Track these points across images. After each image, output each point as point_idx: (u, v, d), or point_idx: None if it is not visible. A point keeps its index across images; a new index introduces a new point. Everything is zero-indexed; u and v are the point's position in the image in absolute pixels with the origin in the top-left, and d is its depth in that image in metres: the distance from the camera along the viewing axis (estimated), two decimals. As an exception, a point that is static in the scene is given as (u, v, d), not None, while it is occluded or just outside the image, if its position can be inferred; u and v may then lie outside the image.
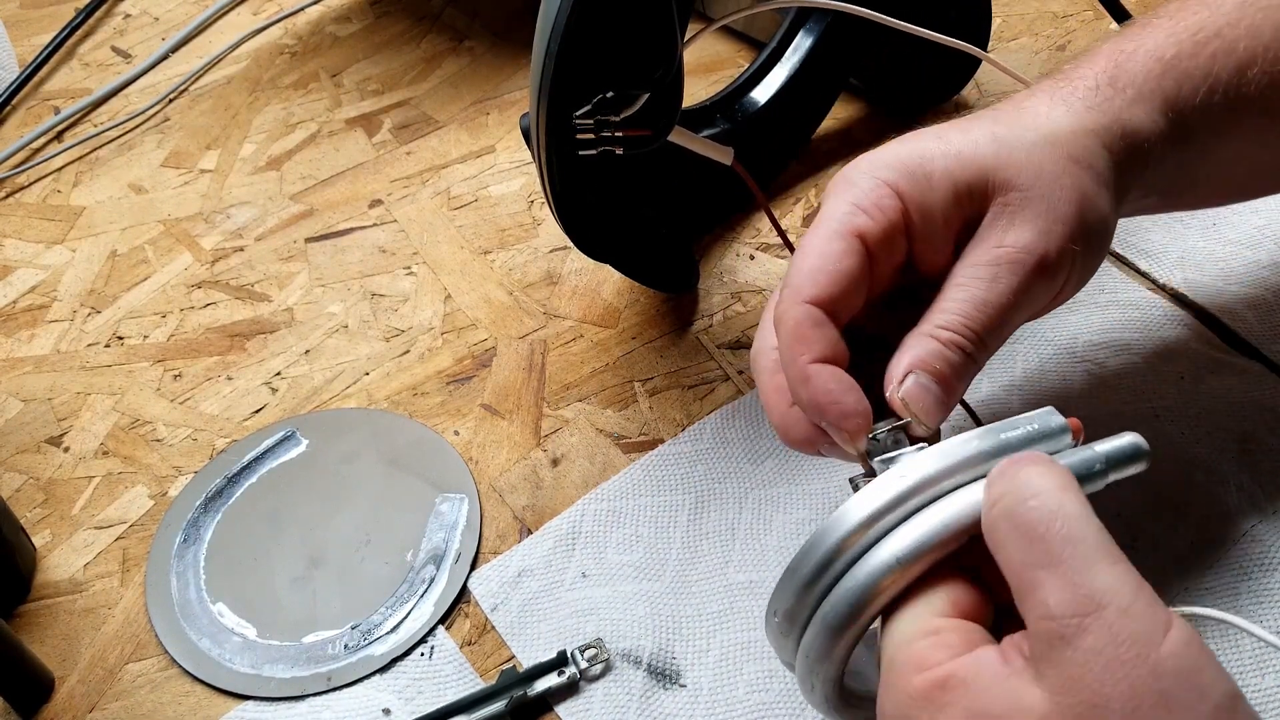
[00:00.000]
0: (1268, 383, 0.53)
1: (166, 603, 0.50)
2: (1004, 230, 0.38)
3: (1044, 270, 0.38)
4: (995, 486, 0.32)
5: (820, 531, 0.34)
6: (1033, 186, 0.38)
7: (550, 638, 0.47)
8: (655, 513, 0.51)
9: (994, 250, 0.38)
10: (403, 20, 0.79)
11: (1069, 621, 0.29)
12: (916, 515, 0.33)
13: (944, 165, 0.38)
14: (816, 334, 0.37)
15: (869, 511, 0.33)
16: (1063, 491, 0.31)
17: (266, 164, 0.70)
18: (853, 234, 0.38)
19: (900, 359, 0.37)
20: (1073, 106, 0.41)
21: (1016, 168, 0.38)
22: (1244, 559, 0.47)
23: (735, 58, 0.74)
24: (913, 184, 0.38)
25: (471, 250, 0.63)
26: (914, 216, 0.38)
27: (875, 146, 0.65)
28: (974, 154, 0.38)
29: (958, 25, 0.58)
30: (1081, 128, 0.40)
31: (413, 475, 0.53)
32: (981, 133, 0.39)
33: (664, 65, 0.46)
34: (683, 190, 0.60)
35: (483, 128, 0.71)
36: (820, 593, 0.34)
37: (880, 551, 0.33)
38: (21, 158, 0.72)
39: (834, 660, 0.34)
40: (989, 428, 0.34)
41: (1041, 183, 0.38)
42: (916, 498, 0.33)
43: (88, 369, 0.59)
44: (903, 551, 0.33)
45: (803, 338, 0.37)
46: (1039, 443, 0.34)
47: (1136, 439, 0.34)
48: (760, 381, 0.41)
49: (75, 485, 0.54)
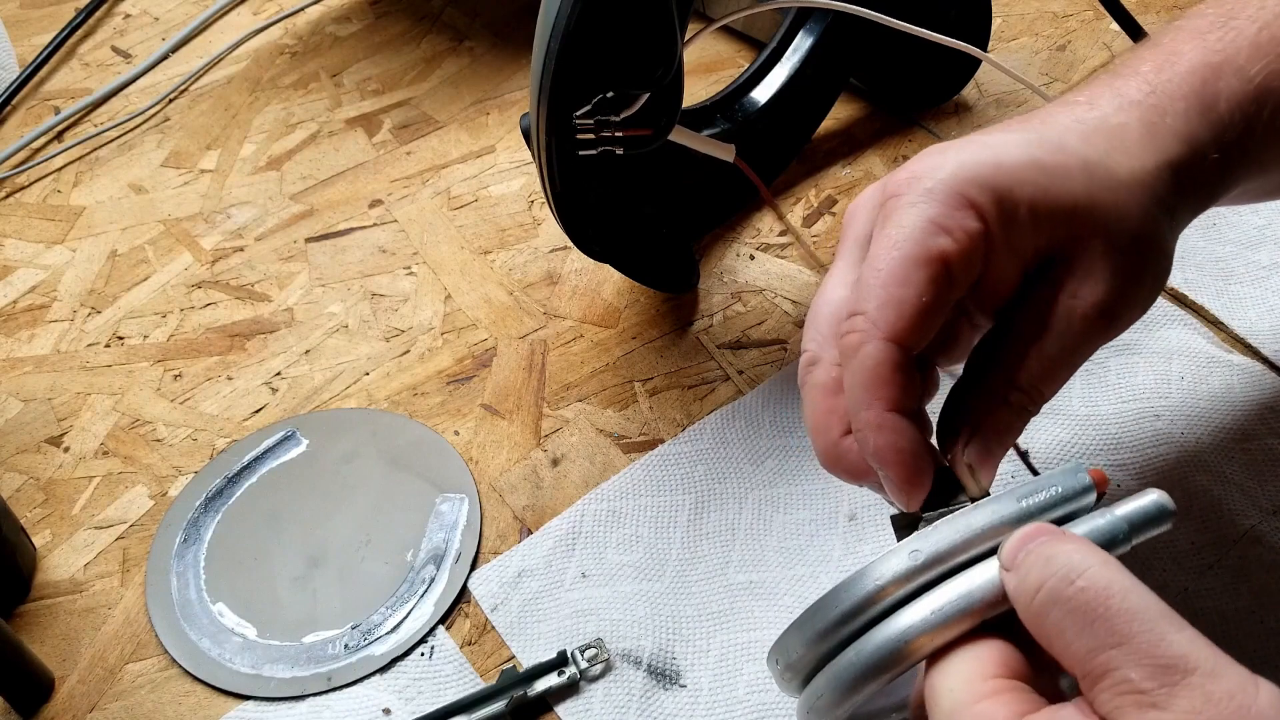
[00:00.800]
0: (1268, 382, 0.53)
1: (166, 603, 0.50)
2: (1080, 281, 0.35)
3: (1113, 329, 0.36)
4: (1030, 575, 0.30)
5: (846, 583, 0.32)
6: (1117, 238, 0.35)
7: (550, 638, 0.47)
8: (655, 513, 0.51)
9: (1069, 302, 0.35)
10: (403, 20, 0.79)
11: (1159, 692, 0.27)
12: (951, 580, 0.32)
13: (1031, 193, 0.35)
14: (896, 379, 0.34)
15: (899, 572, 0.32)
16: (1105, 566, 0.29)
17: (266, 164, 0.70)
18: (938, 260, 0.34)
19: (968, 416, 0.35)
20: (1160, 139, 0.37)
21: (1104, 211, 0.35)
22: (1245, 559, 0.47)
23: (735, 58, 0.74)
24: (997, 207, 0.34)
25: (472, 250, 0.63)
26: (996, 243, 0.35)
27: (875, 146, 0.67)
28: (1065, 187, 0.35)
29: (958, 25, 0.58)
30: (1167, 163, 0.37)
31: (413, 475, 0.53)
32: (1074, 158, 0.36)
33: (664, 65, 0.46)
34: (683, 190, 0.60)
35: (483, 128, 0.71)
36: (833, 647, 0.33)
37: (914, 610, 0.31)
38: (21, 158, 0.71)
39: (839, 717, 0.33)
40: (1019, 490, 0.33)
41: (1125, 234, 0.35)
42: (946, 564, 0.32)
43: (88, 369, 0.59)
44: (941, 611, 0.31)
45: (883, 380, 0.34)
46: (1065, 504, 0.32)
47: (1160, 499, 0.32)
48: (811, 397, 0.37)
49: (75, 485, 0.54)
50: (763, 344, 0.57)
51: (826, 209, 0.64)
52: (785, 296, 0.59)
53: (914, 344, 0.34)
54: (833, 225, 0.63)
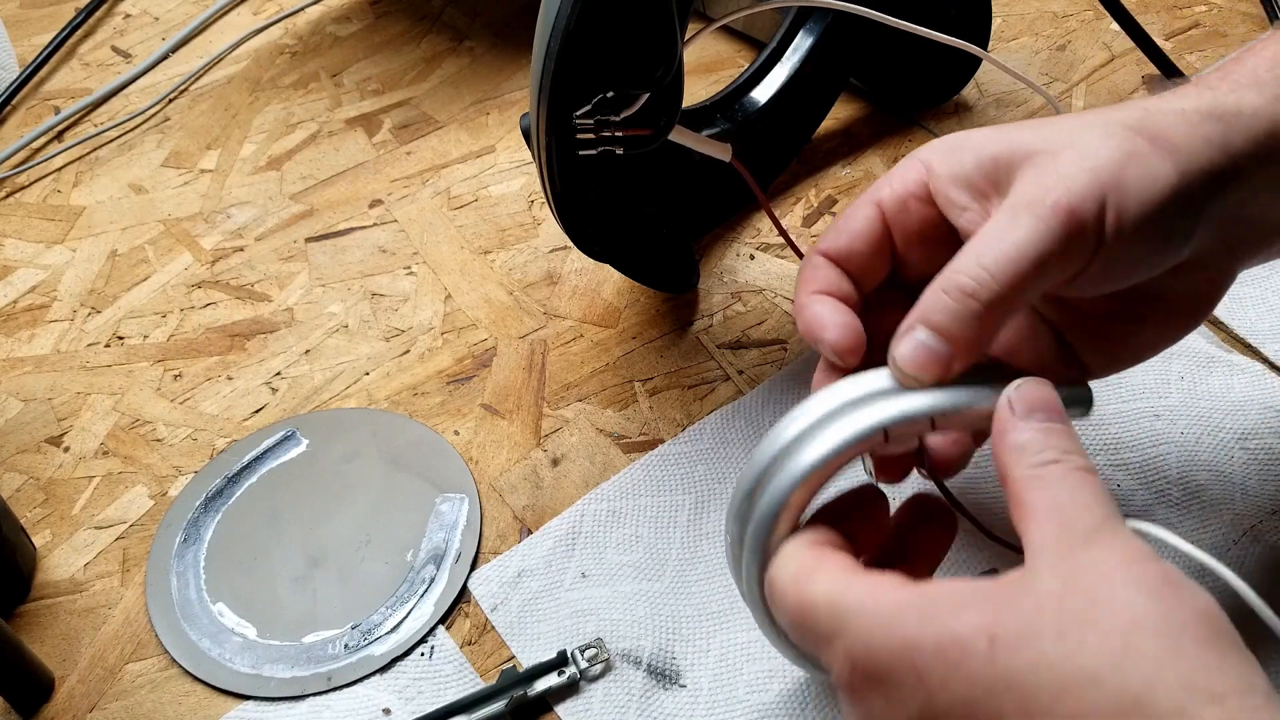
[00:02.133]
0: (1268, 381, 0.53)
1: (166, 602, 0.50)
2: (1026, 184, 0.35)
3: (1068, 219, 0.34)
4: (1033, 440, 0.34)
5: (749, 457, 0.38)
6: (1064, 146, 0.35)
7: (550, 637, 0.47)
8: (655, 513, 0.51)
9: (1011, 201, 0.35)
10: (403, 20, 0.79)
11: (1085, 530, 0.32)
12: (828, 428, 0.36)
13: (982, 138, 0.38)
14: (818, 274, 0.40)
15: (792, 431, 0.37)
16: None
17: (266, 164, 0.70)
18: (875, 203, 0.40)
19: (906, 319, 0.36)
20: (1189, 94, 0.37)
21: (1055, 138, 0.36)
22: (1245, 558, 0.47)
23: (735, 58, 0.74)
24: (945, 152, 0.38)
25: (471, 250, 0.63)
26: (938, 178, 0.38)
27: (875, 146, 0.67)
28: (1016, 130, 0.37)
29: (958, 25, 0.58)
30: (1174, 107, 0.36)
31: (413, 475, 0.53)
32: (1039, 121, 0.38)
33: (664, 65, 0.46)
34: (683, 190, 0.60)
35: (483, 128, 0.71)
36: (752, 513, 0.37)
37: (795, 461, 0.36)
38: (21, 158, 0.72)
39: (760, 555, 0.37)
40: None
41: (1074, 142, 0.35)
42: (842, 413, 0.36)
43: (88, 369, 0.59)
44: (812, 460, 0.36)
45: (806, 279, 0.40)
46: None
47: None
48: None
49: (75, 485, 0.54)
50: (763, 344, 0.57)
51: (826, 209, 0.64)
52: (785, 296, 0.59)
53: (845, 259, 0.40)
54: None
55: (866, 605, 0.32)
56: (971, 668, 0.29)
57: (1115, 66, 0.70)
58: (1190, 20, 0.73)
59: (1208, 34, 0.72)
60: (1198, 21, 0.73)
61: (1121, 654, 0.28)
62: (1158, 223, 0.35)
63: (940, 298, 0.35)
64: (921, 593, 0.32)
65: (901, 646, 0.31)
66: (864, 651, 0.31)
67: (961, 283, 0.34)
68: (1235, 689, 0.27)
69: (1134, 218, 0.34)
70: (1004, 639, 0.29)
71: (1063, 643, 0.28)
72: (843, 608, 0.32)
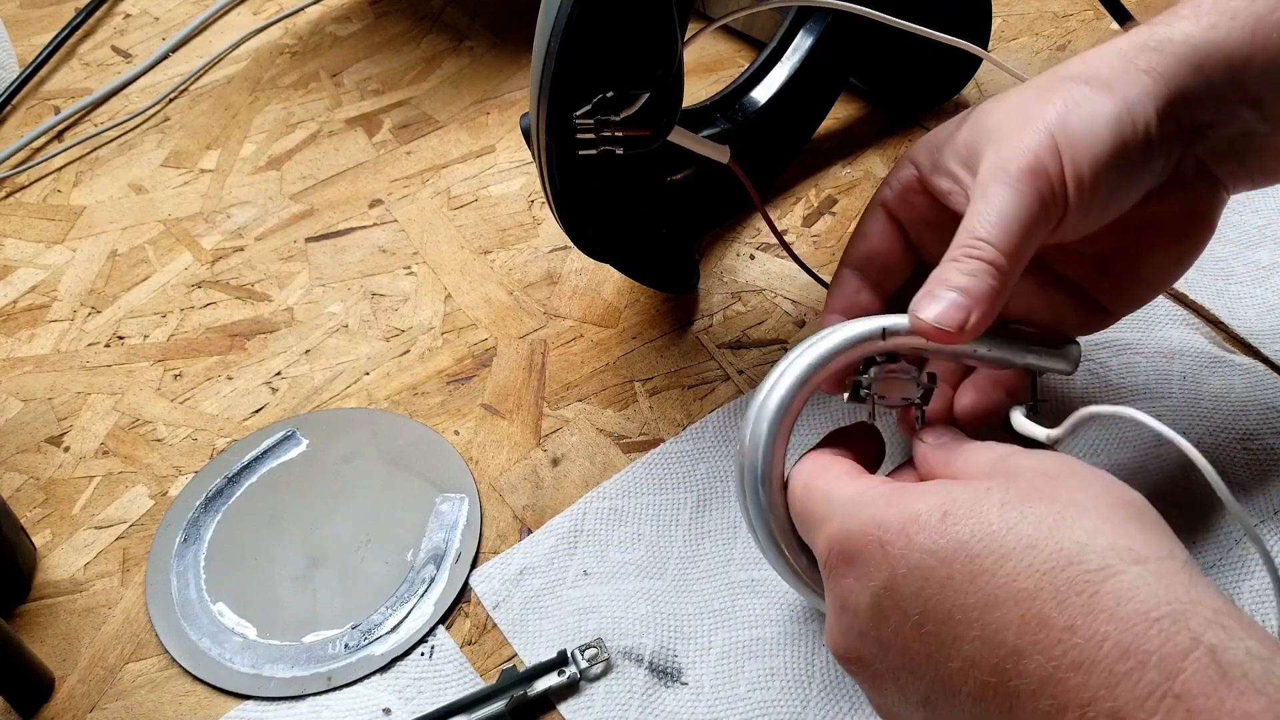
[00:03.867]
0: (1268, 382, 0.53)
1: (167, 602, 0.50)
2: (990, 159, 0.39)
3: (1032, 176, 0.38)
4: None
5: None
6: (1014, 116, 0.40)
7: (552, 635, 0.47)
8: (657, 511, 0.51)
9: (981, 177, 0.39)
10: (403, 20, 0.79)
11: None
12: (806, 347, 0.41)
13: (951, 127, 0.43)
14: (839, 292, 0.46)
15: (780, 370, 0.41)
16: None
17: (266, 164, 0.70)
18: (880, 205, 0.46)
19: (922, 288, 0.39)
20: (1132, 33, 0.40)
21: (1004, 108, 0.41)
22: (1246, 558, 0.47)
23: (735, 58, 0.74)
24: (929, 149, 0.44)
25: (472, 250, 0.63)
26: (926, 173, 0.44)
27: (875, 146, 0.67)
28: (977, 114, 0.42)
29: (958, 24, 0.58)
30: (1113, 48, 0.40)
31: (413, 475, 0.53)
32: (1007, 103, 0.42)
33: (664, 65, 0.46)
34: (683, 190, 0.60)
35: (483, 127, 0.71)
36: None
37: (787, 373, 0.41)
38: (21, 158, 0.71)
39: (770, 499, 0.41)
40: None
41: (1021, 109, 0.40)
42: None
43: (88, 369, 0.59)
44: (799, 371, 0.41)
45: (829, 296, 0.47)
46: None
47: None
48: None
49: (75, 485, 0.54)
50: (763, 344, 0.57)
51: (826, 209, 0.64)
52: (785, 296, 0.59)
53: (865, 265, 0.46)
54: (832, 225, 0.63)
55: (849, 495, 0.37)
56: (925, 538, 0.33)
57: (1115, 66, 0.70)
58: (1190, 20, 0.73)
59: (1207, 34, 0.72)
60: (1197, 21, 0.73)
61: (1056, 524, 0.32)
62: (1114, 155, 0.38)
63: (950, 266, 0.38)
64: (896, 487, 0.36)
65: (870, 524, 0.35)
66: (840, 532, 0.36)
67: (966, 250, 0.38)
68: (1157, 555, 0.31)
69: (1089, 157, 0.38)
70: (954, 513, 0.33)
71: (1005, 513, 0.33)
72: (832, 499, 0.37)
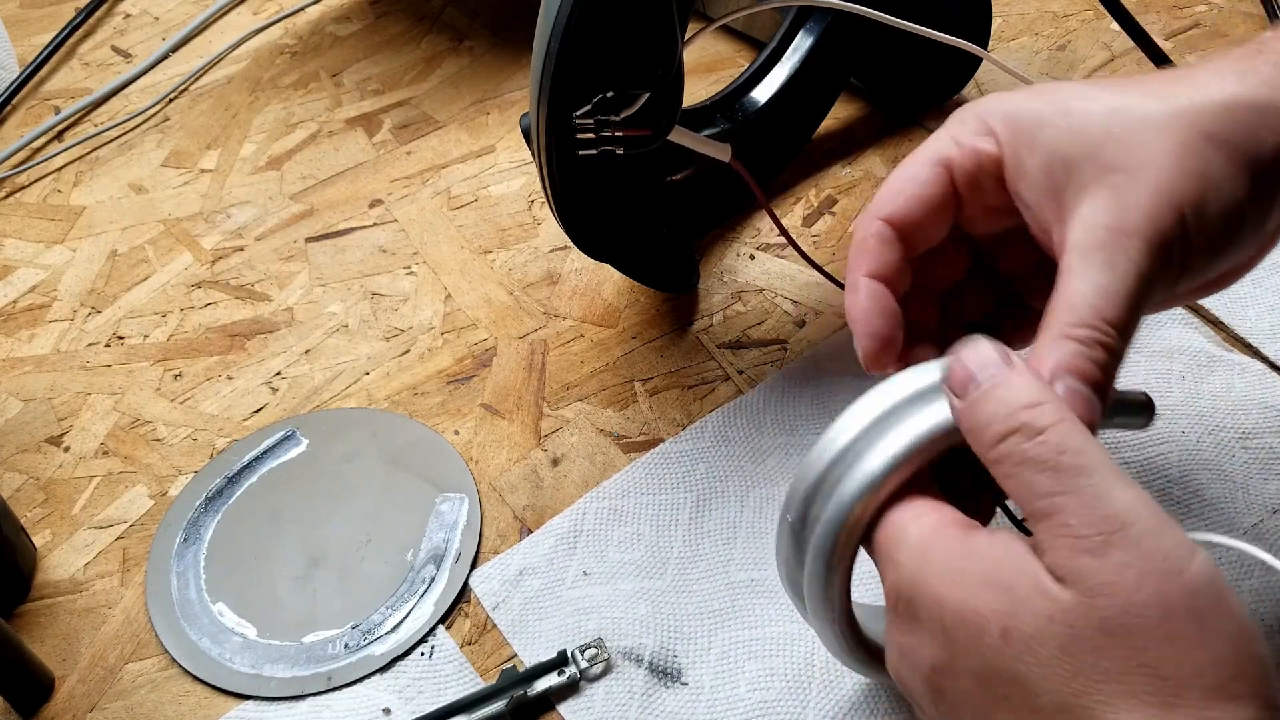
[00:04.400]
0: (1268, 381, 0.53)
1: (167, 602, 0.50)
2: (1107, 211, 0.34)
3: (1160, 252, 0.34)
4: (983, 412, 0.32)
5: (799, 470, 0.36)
6: (1139, 169, 0.34)
7: (552, 635, 0.47)
8: (657, 511, 0.51)
9: (1099, 233, 0.34)
10: (403, 20, 0.79)
11: (1095, 539, 0.30)
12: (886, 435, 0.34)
13: (1053, 133, 0.36)
14: (878, 249, 0.37)
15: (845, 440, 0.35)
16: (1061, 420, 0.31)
17: (266, 164, 0.70)
18: (941, 163, 0.37)
19: (1041, 365, 0.34)
20: (1247, 78, 0.36)
21: (1125, 147, 0.35)
22: (1246, 557, 0.47)
23: (735, 58, 0.74)
24: (1016, 138, 0.37)
25: (471, 250, 0.63)
26: (1009, 169, 0.37)
27: (875, 146, 0.67)
28: (1084, 127, 0.36)
29: (958, 24, 0.58)
30: (1242, 100, 0.35)
31: (413, 475, 0.53)
32: (1102, 105, 0.36)
33: (664, 64, 0.46)
34: (684, 189, 0.60)
35: (483, 127, 0.71)
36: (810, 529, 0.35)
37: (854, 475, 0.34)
38: (21, 158, 0.71)
39: (832, 595, 0.35)
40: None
41: (1149, 162, 0.34)
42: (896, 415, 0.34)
43: (88, 369, 0.59)
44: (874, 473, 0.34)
45: (865, 250, 0.37)
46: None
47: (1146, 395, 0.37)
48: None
49: (75, 485, 0.54)
50: (763, 344, 0.57)
51: (826, 209, 0.64)
52: (785, 296, 0.59)
53: (907, 228, 0.37)
54: (832, 225, 0.63)
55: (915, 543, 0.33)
56: (986, 646, 0.31)
57: (1115, 66, 0.70)
58: (1190, 20, 0.73)
59: (1208, 34, 0.72)
60: (1198, 21, 0.73)
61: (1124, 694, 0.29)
62: (1233, 227, 0.35)
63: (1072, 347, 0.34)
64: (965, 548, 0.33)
65: (932, 601, 0.32)
66: (906, 588, 0.33)
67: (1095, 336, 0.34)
68: None
69: (1212, 231, 0.35)
70: (1016, 635, 0.30)
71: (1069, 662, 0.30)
72: (899, 539, 0.34)
